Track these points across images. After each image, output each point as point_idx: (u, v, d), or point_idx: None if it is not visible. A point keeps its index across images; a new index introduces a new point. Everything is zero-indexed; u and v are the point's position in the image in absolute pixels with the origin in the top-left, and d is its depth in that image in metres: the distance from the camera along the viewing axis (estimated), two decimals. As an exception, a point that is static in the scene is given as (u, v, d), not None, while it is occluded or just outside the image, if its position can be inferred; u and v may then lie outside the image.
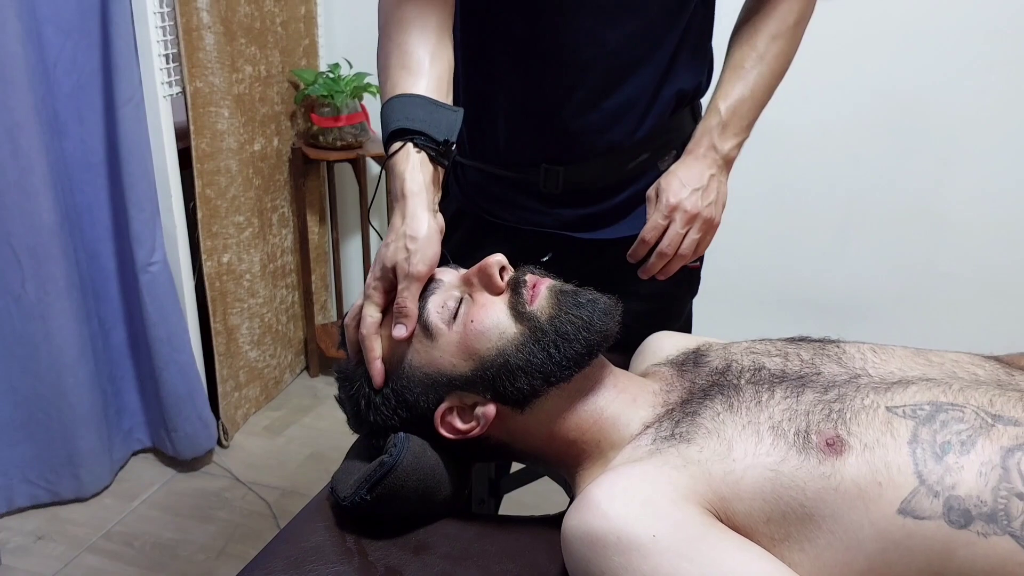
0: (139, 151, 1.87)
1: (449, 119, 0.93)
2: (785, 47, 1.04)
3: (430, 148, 0.90)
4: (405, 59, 0.95)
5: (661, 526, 0.69)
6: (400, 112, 0.92)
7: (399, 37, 0.96)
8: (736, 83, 1.04)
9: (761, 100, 1.05)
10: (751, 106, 1.04)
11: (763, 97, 1.06)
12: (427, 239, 0.85)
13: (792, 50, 1.06)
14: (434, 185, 0.90)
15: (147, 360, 2.05)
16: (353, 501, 0.83)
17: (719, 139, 1.02)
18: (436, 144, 0.91)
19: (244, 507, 2.02)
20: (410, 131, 0.90)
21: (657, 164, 1.13)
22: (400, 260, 0.85)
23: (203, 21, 1.92)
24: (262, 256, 2.29)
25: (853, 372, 0.82)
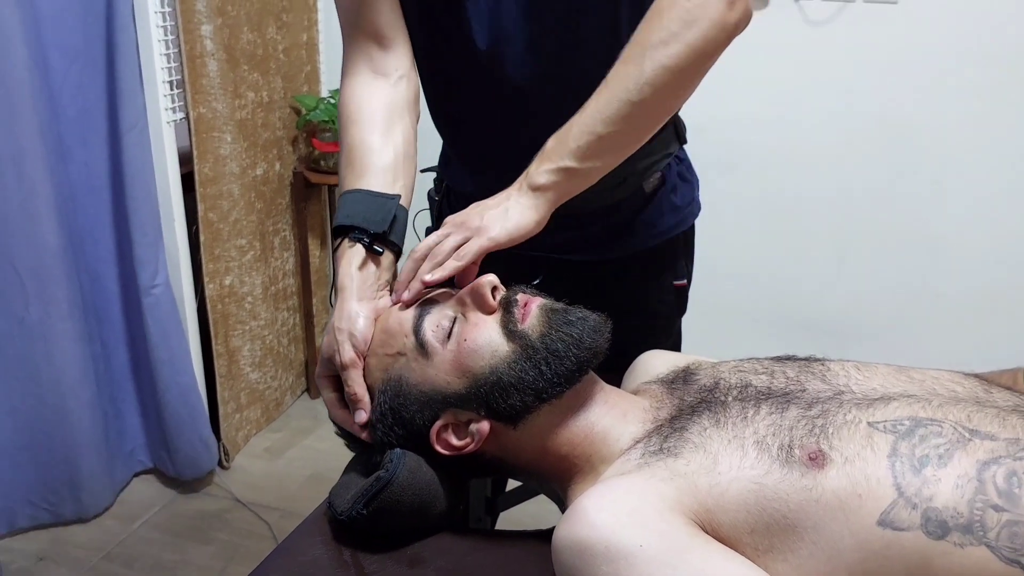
0: (143, 176, 1.90)
1: (386, 208, 0.98)
2: (634, 71, 0.89)
3: (363, 240, 0.96)
4: (350, 155, 1.02)
5: (648, 536, 0.71)
6: (341, 210, 0.99)
7: (346, 135, 1.04)
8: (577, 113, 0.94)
9: (593, 127, 0.91)
10: (578, 133, 0.91)
11: (596, 124, 0.91)
12: (358, 327, 0.91)
13: (651, 75, 0.89)
14: (370, 271, 0.96)
15: (149, 382, 2.07)
16: (350, 515, 0.85)
17: (533, 166, 0.94)
18: (370, 235, 0.96)
19: (244, 528, 2.03)
20: (345, 227, 0.97)
21: (642, 185, 1.15)
22: (333, 354, 0.92)
23: (207, 48, 1.96)
24: (264, 279, 2.31)
25: (837, 389, 0.84)
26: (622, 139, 0.93)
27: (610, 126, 0.90)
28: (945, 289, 2.17)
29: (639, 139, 0.95)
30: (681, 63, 0.88)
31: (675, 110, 0.95)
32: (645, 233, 1.16)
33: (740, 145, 2.18)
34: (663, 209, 1.17)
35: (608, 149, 0.93)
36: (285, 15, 2.24)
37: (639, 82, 0.89)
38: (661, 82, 0.89)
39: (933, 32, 2.01)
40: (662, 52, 0.88)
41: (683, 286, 1.25)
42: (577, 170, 0.92)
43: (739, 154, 2.19)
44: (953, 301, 2.17)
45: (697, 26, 0.88)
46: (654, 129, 0.95)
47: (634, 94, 0.89)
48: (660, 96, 0.90)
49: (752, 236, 2.25)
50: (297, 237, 2.45)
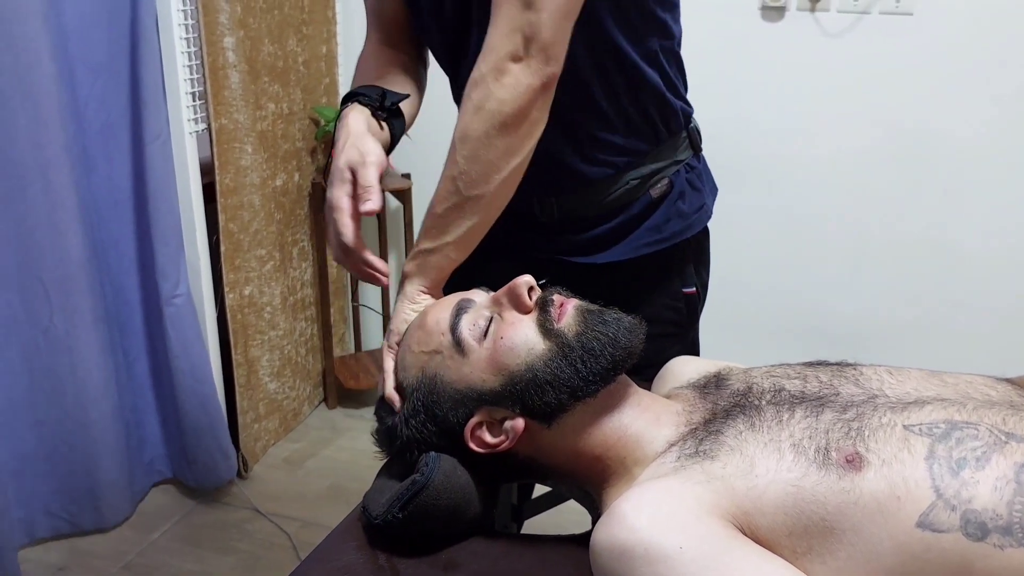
0: (165, 187, 1.92)
1: (394, 97, 1.08)
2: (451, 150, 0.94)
3: (372, 105, 1.06)
4: (360, 77, 1.16)
5: (687, 538, 0.72)
6: (351, 92, 1.10)
7: (361, 68, 1.19)
8: None
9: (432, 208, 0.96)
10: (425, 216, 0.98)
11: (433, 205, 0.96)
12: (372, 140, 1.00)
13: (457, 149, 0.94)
14: (373, 129, 1.04)
15: (169, 392, 2.08)
16: (385, 519, 0.85)
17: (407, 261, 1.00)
18: (377, 101, 1.06)
19: (264, 539, 2.03)
20: (355, 94, 1.07)
21: (649, 191, 1.16)
22: (353, 156, 0.98)
23: (229, 60, 1.98)
24: (282, 289, 2.33)
25: (870, 392, 0.84)
26: (461, 212, 0.95)
27: (444, 203, 0.95)
28: (962, 298, 2.17)
29: (483, 207, 0.95)
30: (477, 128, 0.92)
31: (499, 177, 0.94)
32: (649, 238, 1.17)
33: (756, 155, 2.19)
34: (669, 215, 1.18)
35: (451, 224, 0.95)
36: (305, 28, 2.26)
37: (454, 155, 0.94)
38: (470, 152, 0.93)
39: (949, 43, 2.02)
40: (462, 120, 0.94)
41: (693, 294, 1.26)
42: (433, 249, 0.97)
43: (754, 164, 2.19)
44: (970, 310, 2.17)
45: (486, 89, 0.91)
46: (492, 202, 0.96)
47: (453, 169, 0.94)
48: (475, 165, 0.93)
49: (767, 245, 2.26)
50: (315, 247, 2.46)
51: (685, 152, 1.18)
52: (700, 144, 1.21)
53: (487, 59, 0.92)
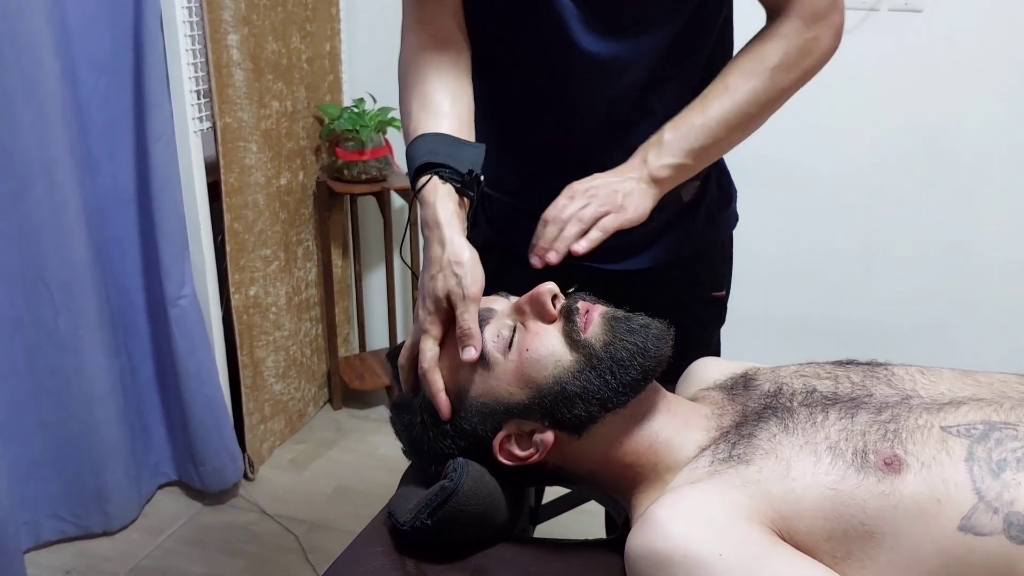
0: (170, 186, 1.90)
1: (472, 154, 0.97)
2: (758, 87, 0.97)
3: (455, 180, 0.94)
4: (425, 102, 1.01)
5: (726, 544, 0.70)
6: (424, 148, 0.96)
7: (418, 85, 1.02)
8: (692, 111, 0.99)
9: (715, 132, 0.98)
10: (700, 134, 0.98)
11: (718, 129, 0.98)
12: (472, 261, 0.88)
13: (768, 92, 0.98)
14: (462, 214, 0.94)
15: (175, 393, 2.06)
16: (413, 525, 0.84)
17: (652, 155, 0.97)
18: (460, 176, 0.94)
19: (272, 541, 2.01)
20: (435, 164, 0.94)
21: (681, 195, 1.14)
22: (452, 286, 0.86)
23: (233, 58, 1.96)
24: (287, 289, 2.31)
25: (904, 393, 0.83)
26: (727, 146, 1.02)
27: (728, 132, 0.98)
28: (977, 300, 2.16)
29: (731, 147, 1.03)
30: (793, 87, 1.00)
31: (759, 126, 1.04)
32: (682, 243, 1.15)
33: (763, 156, 2.17)
34: (701, 219, 1.16)
35: (717, 153, 1.03)
36: (309, 25, 2.24)
37: (759, 99, 0.98)
38: (775, 101, 0.99)
39: (959, 40, 2.00)
40: (783, 76, 0.98)
41: (722, 297, 1.25)
42: (690, 167, 0.99)
43: (763, 165, 2.17)
44: (986, 313, 2.16)
45: (811, 57, 0.99)
46: (742, 138, 1.03)
47: (753, 107, 0.98)
48: (767, 112, 1.00)
49: (778, 245, 2.24)
50: (319, 247, 2.44)
51: None
52: None
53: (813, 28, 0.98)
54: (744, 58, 1.00)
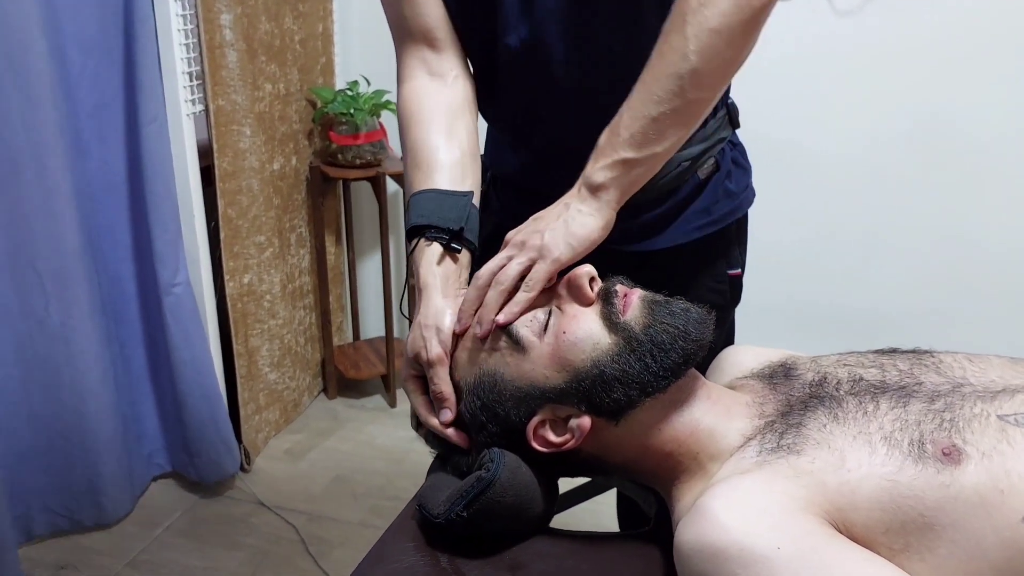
0: (163, 171, 1.85)
1: (459, 205, 0.96)
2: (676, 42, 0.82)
3: (441, 238, 0.94)
4: (416, 157, 1.00)
5: (783, 537, 0.68)
6: (414, 210, 0.96)
7: (410, 135, 1.02)
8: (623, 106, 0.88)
9: (639, 110, 0.85)
10: (628, 119, 0.86)
11: (641, 107, 0.85)
12: (438, 321, 0.89)
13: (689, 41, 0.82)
14: (453, 267, 0.94)
15: (169, 383, 2.01)
16: (448, 518, 0.81)
17: (590, 166, 0.88)
18: (448, 233, 0.94)
19: (271, 533, 1.98)
20: (421, 227, 0.95)
21: (696, 172, 1.11)
22: (419, 349, 0.89)
23: (226, 39, 1.90)
24: (281, 277, 2.26)
25: (955, 382, 0.81)
26: (678, 118, 0.85)
27: (663, 105, 0.83)
28: (981, 287, 2.15)
29: (697, 115, 0.87)
30: (724, 21, 0.81)
31: (728, 77, 0.87)
32: (699, 221, 1.12)
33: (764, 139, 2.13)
34: (717, 196, 1.13)
35: (665, 131, 0.85)
36: (301, 4, 2.18)
37: (684, 52, 0.82)
38: (708, 47, 0.81)
39: (964, 21, 1.98)
40: (703, 14, 0.81)
41: (738, 275, 1.22)
42: (636, 160, 0.86)
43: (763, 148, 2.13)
44: (990, 298, 2.15)
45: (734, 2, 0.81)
46: (711, 102, 0.87)
47: (682, 66, 0.82)
48: (710, 63, 0.82)
49: (779, 229, 2.22)
50: (313, 234, 2.39)
51: (726, 129, 1.13)
52: (738, 119, 1.17)
53: None
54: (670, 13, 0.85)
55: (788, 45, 2.09)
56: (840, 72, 2.10)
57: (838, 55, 2.08)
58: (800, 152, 2.16)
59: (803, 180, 2.18)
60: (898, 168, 2.12)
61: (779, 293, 2.27)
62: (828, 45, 2.08)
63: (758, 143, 1.21)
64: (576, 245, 0.86)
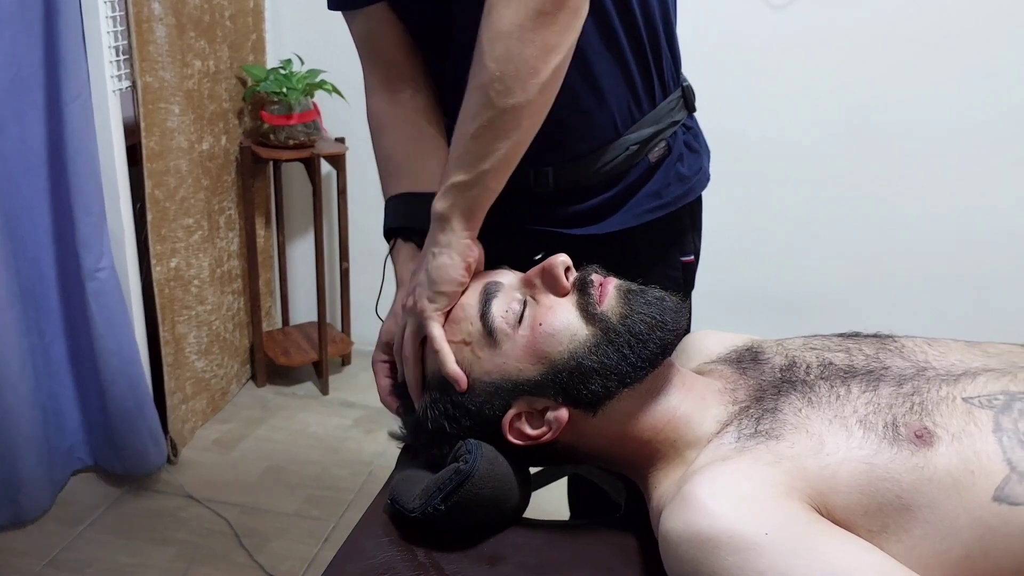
0: (86, 150, 1.75)
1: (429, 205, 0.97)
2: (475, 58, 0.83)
3: (415, 238, 0.99)
4: (387, 165, 1.06)
5: (770, 523, 0.68)
6: (389, 215, 1.03)
7: (378, 143, 1.07)
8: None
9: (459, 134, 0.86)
10: (454, 144, 0.87)
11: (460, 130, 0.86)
12: None
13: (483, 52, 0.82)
14: None
15: (92, 374, 1.92)
16: (425, 512, 0.79)
17: (438, 198, 0.88)
18: (418, 232, 0.97)
19: (203, 526, 1.91)
20: (396, 229, 1.01)
21: (647, 156, 1.11)
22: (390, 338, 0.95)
23: (155, 12, 1.82)
24: (211, 261, 2.18)
25: (918, 365, 0.83)
26: (496, 130, 0.83)
27: (477, 120, 0.83)
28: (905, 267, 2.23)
29: (516, 122, 0.84)
30: (511, 21, 0.80)
31: (541, 77, 0.82)
32: (649, 204, 1.12)
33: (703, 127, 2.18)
34: (669, 179, 1.13)
35: (487, 146, 0.84)
36: (231, -21, 2.10)
37: (482, 61, 0.82)
38: (503, 51, 0.81)
39: (892, 14, 2.05)
40: (492, 19, 0.81)
41: (691, 262, 1.23)
42: (468, 181, 0.85)
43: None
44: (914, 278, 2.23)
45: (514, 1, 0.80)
46: (531, 107, 0.84)
47: (483, 76, 0.82)
48: (509, 66, 0.81)
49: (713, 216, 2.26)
50: (242, 216, 2.32)
51: (680, 112, 1.14)
52: (694, 103, 1.17)
53: None
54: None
55: (722, 37, 2.13)
56: (773, 65, 2.14)
57: (771, 48, 2.13)
58: (735, 142, 2.19)
59: (739, 169, 2.22)
60: (829, 158, 2.19)
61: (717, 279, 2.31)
62: (761, 38, 2.12)
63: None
64: (446, 290, 0.86)
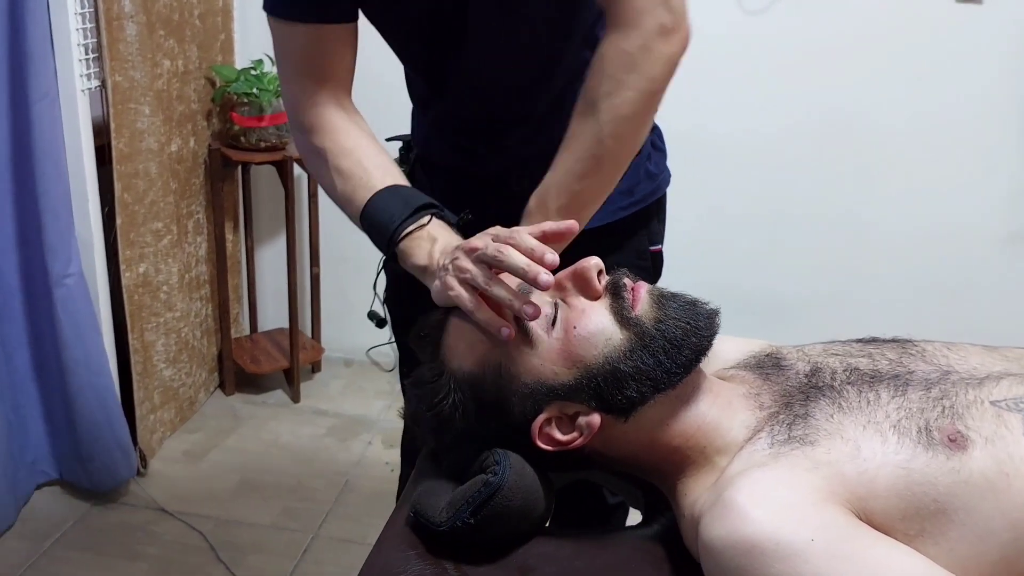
0: (54, 152, 1.68)
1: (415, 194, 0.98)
2: (590, 127, 0.91)
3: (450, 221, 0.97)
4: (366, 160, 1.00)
5: (814, 529, 0.68)
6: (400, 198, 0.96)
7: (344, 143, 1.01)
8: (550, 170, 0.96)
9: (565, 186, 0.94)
10: (555, 194, 0.94)
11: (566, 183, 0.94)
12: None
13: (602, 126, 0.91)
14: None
15: (58, 384, 1.85)
16: (454, 525, 0.77)
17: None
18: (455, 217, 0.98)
19: (176, 540, 1.85)
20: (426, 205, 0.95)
21: None
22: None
23: (125, 10, 1.76)
24: (179, 266, 2.12)
25: (942, 369, 0.84)
26: (597, 188, 0.97)
27: (583, 181, 0.94)
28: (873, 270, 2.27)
29: (613, 182, 0.98)
30: (632, 108, 0.91)
31: (639, 147, 1.00)
32: (623, 201, 1.14)
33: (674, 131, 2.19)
34: (639, 177, 1.16)
35: (587, 201, 0.97)
36: (200, -23, 2.05)
37: (599, 136, 0.92)
38: (618, 130, 0.92)
39: (866, 20, 2.08)
40: (612, 102, 0.90)
41: (659, 251, 1.27)
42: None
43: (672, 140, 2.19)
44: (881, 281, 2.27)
45: (640, 69, 0.90)
46: (624, 169, 0.99)
47: (596, 148, 0.92)
48: (621, 142, 0.94)
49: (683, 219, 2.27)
50: (210, 220, 2.26)
51: None
52: None
53: (631, 37, 0.89)
54: (580, 97, 0.93)
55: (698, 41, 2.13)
56: (747, 69, 2.16)
57: (746, 53, 2.15)
58: (708, 142, 2.21)
59: (708, 171, 2.24)
60: (800, 158, 2.21)
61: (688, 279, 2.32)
62: (736, 42, 2.13)
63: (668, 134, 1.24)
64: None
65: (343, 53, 1.02)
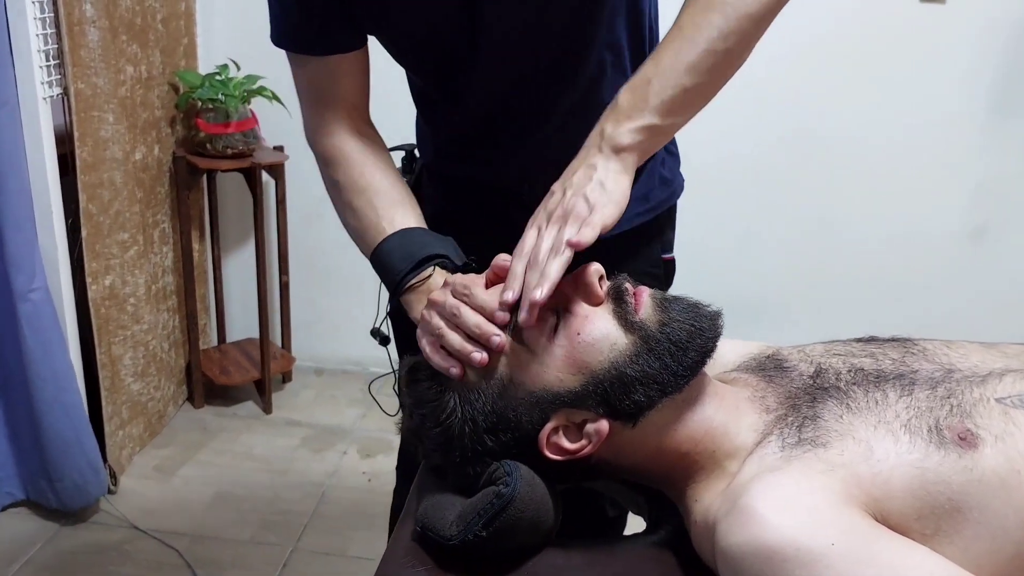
0: (15, 162, 1.63)
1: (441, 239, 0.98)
2: (716, 20, 0.84)
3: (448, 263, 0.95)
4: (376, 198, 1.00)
5: (835, 533, 0.68)
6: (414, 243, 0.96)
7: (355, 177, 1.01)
8: (647, 64, 0.87)
9: (677, 79, 0.85)
10: (659, 86, 0.85)
11: (680, 76, 0.85)
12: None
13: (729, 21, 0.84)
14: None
15: (23, 402, 1.78)
16: (465, 538, 0.75)
17: (610, 125, 0.86)
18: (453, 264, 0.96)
19: (150, 559, 1.80)
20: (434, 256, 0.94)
21: None
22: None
23: (87, 15, 1.70)
24: (146, 277, 2.06)
25: (945, 368, 0.84)
26: (706, 91, 0.88)
27: (696, 77, 0.85)
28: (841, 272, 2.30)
29: (716, 91, 0.90)
30: (763, 9, 0.85)
31: (746, 57, 0.90)
32: (638, 208, 1.12)
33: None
34: (653, 183, 1.14)
35: (692, 102, 0.88)
36: (162, -19, 2.00)
37: (723, 31, 0.84)
38: (744, 30, 0.85)
39: (830, 22, 2.10)
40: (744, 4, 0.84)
41: (671, 259, 1.25)
42: (660, 127, 0.86)
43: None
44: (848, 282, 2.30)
45: None
46: (728, 80, 0.90)
47: (719, 43, 0.84)
48: (742, 45, 0.86)
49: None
50: (176, 230, 2.20)
51: None
52: None
53: None
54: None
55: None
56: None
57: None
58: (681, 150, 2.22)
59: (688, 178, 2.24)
60: (772, 167, 2.23)
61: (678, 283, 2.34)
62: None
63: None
64: (620, 205, 0.83)
65: (355, 77, 1.02)
